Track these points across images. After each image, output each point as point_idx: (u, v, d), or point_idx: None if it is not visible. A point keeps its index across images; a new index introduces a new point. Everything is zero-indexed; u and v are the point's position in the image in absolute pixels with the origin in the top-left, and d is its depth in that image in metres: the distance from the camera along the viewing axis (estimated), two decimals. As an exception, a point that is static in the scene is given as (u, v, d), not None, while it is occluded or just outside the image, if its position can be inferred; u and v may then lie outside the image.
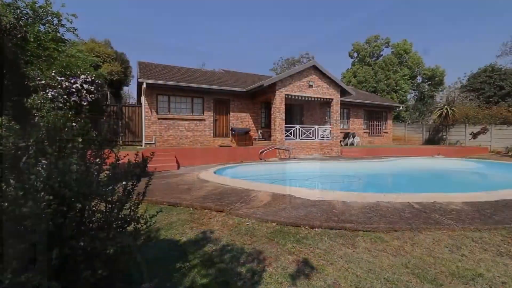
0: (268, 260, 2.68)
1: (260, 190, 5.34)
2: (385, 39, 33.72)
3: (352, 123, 18.54)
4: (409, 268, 2.50)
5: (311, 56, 42.02)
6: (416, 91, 34.00)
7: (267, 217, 3.79)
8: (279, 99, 12.18)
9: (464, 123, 19.76)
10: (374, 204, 4.31)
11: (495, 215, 3.86)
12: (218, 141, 13.30)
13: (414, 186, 8.99)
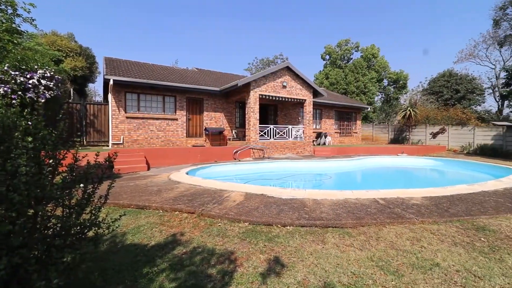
0: (239, 260, 2.66)
1: (233, 190, 5.30)
2: (355, 43, 35.34)
3: (324, 123, 19.15)
4: (374, 261, 2.63)
5: (285, 57, 42.84)
6: (383, 94, 36.04)
7: (240, 217, 3.77)
8: (253, 99, 12.21)
9: (425, 123, 21.31)
10: (343, 201, 4.48)
11: (450, 208, 4.20)
12: (191, 141, 13.01)
13: (380, 183, 9.52)
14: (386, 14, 59.29)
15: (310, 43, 71.19)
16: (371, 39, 67.78)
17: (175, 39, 71.69)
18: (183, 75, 13.96)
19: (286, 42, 71.88)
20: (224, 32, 73.36)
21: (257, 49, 77.57)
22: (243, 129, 14.35)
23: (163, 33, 70.24)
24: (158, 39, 71.23)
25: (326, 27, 66.41)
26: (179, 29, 70.02)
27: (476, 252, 2.81)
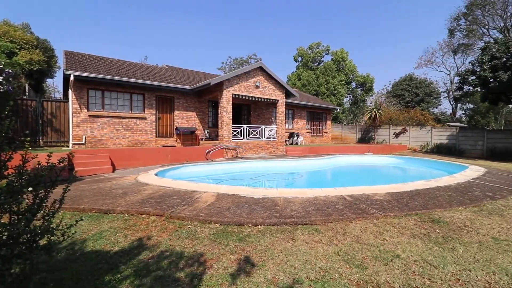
0: (209, 262, 2.61)
1: (204, 191, 5.20)
2: (326, 46, 36.63)
3: (296, 123, 19.59)
4: (341, 255, 2.72)
5: (258, 57, 43.09)
6: (351, 95, 37.79)
7: (211, 218, 3.70)
8: (226, 99, 12.11)
9: (388, 124, 22.72)
10: (313, 199, 4.60)
11: (409, 203, 4.51)
12: (161, 141, 12.55)
13: (348, 180, 9.96)
14: (354, 19, 62.39)
15: (283, 44, 72.51)
16: (341, 43, 70.94)
17: (144, 36, 68.76)
18: (152, 72, 13.41)
19: (260, 42, 72.47)
20: (196, 30, 71.96)
21: (230, 48, 77.18)
22: (216, 128, 14.16)
23: (131, 29, 67.01)
24: (127, 35, 67.82)
25: (298, 29, 68.11)
26: (148, 25, 67.28)
27: (432, 243, 3.04)
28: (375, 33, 64.58)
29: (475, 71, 14.26)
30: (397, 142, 21.22)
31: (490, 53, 13.44)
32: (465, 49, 29.89)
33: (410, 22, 59.08)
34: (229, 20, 69.52)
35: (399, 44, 64.44)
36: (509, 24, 24.49)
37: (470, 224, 3.64)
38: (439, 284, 2.24)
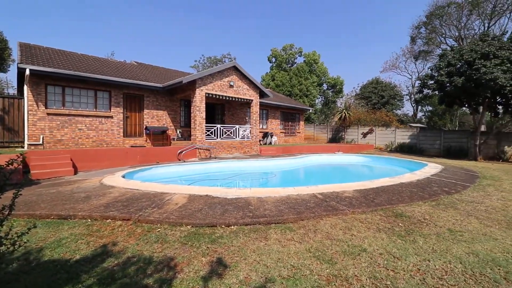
0: (180, 266, 2.52)
1: (175, 192, 5.03)
2: (299, 48, 37.48)
3: (270, 123, 19.80)
4: (312, 252, 2.78)
5: (233, 57, 42.88)
6: (323, 97, 39.07)
7: (182, 220, 3.59)
8: (199, 98, 11.86)
9: (357, 125, 23.82)
10: (285, 198, 4.66)
11: (375, 199, 4.75)
12: (130, 141, 11.95)
13: (319, 179, 10.27)
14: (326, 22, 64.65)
15: (258, 44, 72.93)
16: (313, 46, 73.10)
17: (111, 31, 65.08)
18: (120, 69, 12.72)
19: (235, 41, 72.18)
20: (168, 26, 69.74)
21: (204, 47, 75.85)
22: (188, 128, 13.82)
23: (97, 24, 63.04)
24: (92, 30, 63.68)
25: (273, 30, 68.93)
26: (116, 20, 63.79)
27: (395, 236, 3.22)
28: (345, 37, 67.55)
29: (434, 76, 15.46)
30: (365, 141, 22.34)
31: (447, 60, 14.66)
32: (425, 55, 32.32)
33: (377, 28, 62.64)
34: (203, 18, 68.35)
35: (367, 49, 68.05)
36: (463, 33, 26.93)
37: (429, 217, 3.93)
38: (402, 274, 2.38)
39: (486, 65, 12.38)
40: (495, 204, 4.85)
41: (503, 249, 2.98)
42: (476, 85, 12.82)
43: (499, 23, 25.35)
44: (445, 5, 26.45)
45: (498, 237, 3.31)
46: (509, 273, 2.47)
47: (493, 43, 13.31)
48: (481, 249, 2.95)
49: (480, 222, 3.83)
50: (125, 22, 64.68)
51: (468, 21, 26.34)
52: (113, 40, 64.60)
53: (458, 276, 2.39)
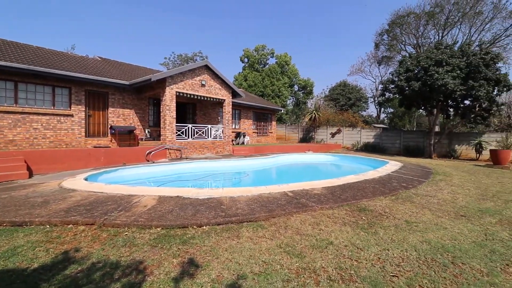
0: (149, 269, 2.45)
1: (144, 194, 4.85)
2: (271, 49, 38.01)
3: (243, 123, 19.84)
4: (282, 247, 2.87)
5: (204, 55, 42.18)
6: (294, 98, 40.08)
7: (151, 222, 3.48)
8: (169, 96, 11.51)
9: (326, 125, 24.80)
10: (257, 196, 4.73)
11: (342, 195, 5.02)
12: (93, 141, 11.23)
13: (290, 177, 10.54)
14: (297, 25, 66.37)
15: (230, 44, 72.57)
16: (284, 47, 74.61)
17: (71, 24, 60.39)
18: (81, 64, 11.89)
19: (207, 40, 71.03)
20: (135, 22, 66.56)
21: (174, 44, 73.61)
22: (158, 128, 13.35)
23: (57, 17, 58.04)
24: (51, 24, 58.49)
25: (245, 30, 69.07)
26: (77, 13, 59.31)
27: (359, 229, 3.44)
28: (315, 41, 69.93)
29: (394, 80, 16.66)
30: (334, 141, 23.35)
31: (405, 66, 15.88)
32: (387, 61, 34.63)
33: (345, 33, 65.76)
34: (173, 15, 66.27)
35: (336, 52, 71.10)
36: (421, 42, 29.30)
37: (389, 211, 4.25)
38: (364, 264, 2.56)
39: (438, 72, 13.64)
40: (445, 197, 5.39)
41: (451, 237, 3.33)
42: (430, 89, 14.07)
43: (451, 33, 28.03)
44: (405, 15, 28.59)
45: (447, 227, 3.68)
46: (455, 258, 2.77)
47: (446, 51, 14.71)
48: (433, 237, 3.27)
49: (432, 214, 4.23)
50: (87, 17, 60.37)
51: (425, 31, 28.76)
52: (73, 35, 59.98)
53: (413, 262, 2.63)
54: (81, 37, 61.31)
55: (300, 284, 2.22)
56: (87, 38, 61.81)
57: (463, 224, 3.79)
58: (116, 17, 63.81)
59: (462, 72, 13.61)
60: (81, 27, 61.06)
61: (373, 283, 2.25)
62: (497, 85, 13.72)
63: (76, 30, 60.41)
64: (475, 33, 26.44)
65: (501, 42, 25.68)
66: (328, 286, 2.20)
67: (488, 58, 13.53)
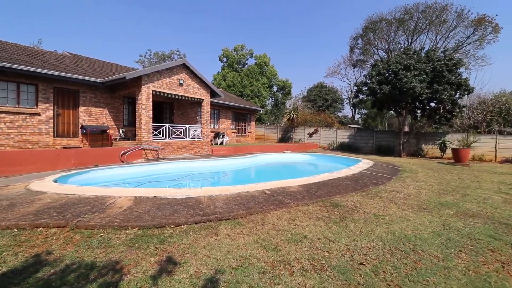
0: (126, 268, 2.45)
1: (119, 195, 4.74)
2: (250, 50, 38.14)
3: (222, 123, 19.78)
4: (259, 243, 2.98)
5: (182, 53, 41.39)
6: (273, 98, 40.57)
7: (127, 223, 3.44)
8: (145, 95, 11.22)
9: (304, 125, 25.41)
10: (236, 195, 4.81)
11: (317, 192, 5.24)
12: (62, 141, 10.66)
13: (268, 176, 10.72)
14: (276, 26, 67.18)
15: (209, 43, 71.77)
16: (263, 48, 75.20)
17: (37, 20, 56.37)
18: (49, 60, 11.23)
19: (185, 38, 69.60)
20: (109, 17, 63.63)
21: (151, 42, 71.34)
22: (133, 128, 12.94)
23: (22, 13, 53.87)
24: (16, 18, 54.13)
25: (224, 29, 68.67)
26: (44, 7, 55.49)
27: (331, 223, 3.65)
28: (293, 42, 71.20)
29: (367, 83, 17.49)
30: (311, 141, 23.98)
31: (377, 69, 16.74)
32: (361, 64, 36.21)
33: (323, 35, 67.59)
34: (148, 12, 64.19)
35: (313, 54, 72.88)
36: (392, 47, 30.98)
37: (359, 205, 4.53)
38: (335, 254, 2.74)
39: (407, 76, 14.55)
40: (410, 192, 5.82)
41: (413, 227, 3.64)
42: (400, 92, 14.96)
43: (419, 40, 29.93)
44: (377, 21, 30.07)
45: (410, 219, 4.01)
46: (416, 246, 3.05)
47: (413, 56, 15.72)
48: (397, 228, 3.55)
49: (398, 207, 4.57)
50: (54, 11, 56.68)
51: (396, 36, 30.48)
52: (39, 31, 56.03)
53: (378, 251, 2.86)
54: (48, 33, 57.52)
55: (275, 275, 2.34)
56: (54, 34, 58.07)
57: (425, 216, 4.14)
58: (87, 12, 60.57)
59: (428, 76, 14.64)
60: (48, 22, 57.28)
61: (342, 271, 2.43)
62: (459, 89, 14.90)
63: (43, 26, 56.55)
64: (441, 40, 28.48)
65: (463, 49, 27.90)
66: (301, 275, 2.34)
67: (451, 64, 14.66)
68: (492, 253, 3.00)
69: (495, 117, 22.38)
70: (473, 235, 3.48)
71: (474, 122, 22.59)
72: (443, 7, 26.51)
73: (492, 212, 4.57)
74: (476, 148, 15.95)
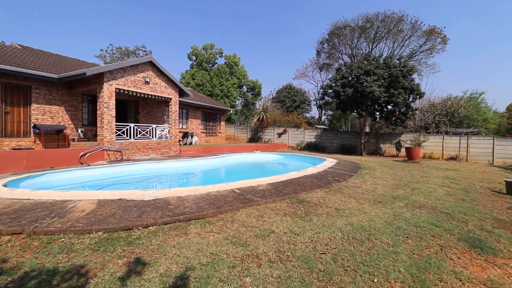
0: (92, 272, 2.40)
1: (81, 199, 4.51)
2: (219, 49, 37.90)
3: (191, 123, 19.43)
4: (229, 239, 3.09)
5: (148, 50, 39.72)
6: (243, 98, 40.76)
7: (91, 227, 3.32)
8: (108, 93, 10.63)
9: (273, 125, 25.96)
10: (205, 195, 4.85)
11: (284, 189, 5.49)
12: (11, 142, 9.68)
13: (238, 176, 10.82)
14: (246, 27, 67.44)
15: (177, 40, 69.61)
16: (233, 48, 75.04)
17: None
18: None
19: (151, 34, 66.68)
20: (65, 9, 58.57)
21: (112, 36, 67.11)
22: (93, 127, 12.18)
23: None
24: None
25: (193, 27, 67.16)
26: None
27: (297, 218, 3.89)
28: (263, 44, 72.11)
29: (332, 86, 18.46)
30: (280, 141, 24.60)
31: (341, 73, 17.76)
32: (327, 67, 37.89)
33: (292, 38, 69.39)
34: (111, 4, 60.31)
35: (282, 56, 74.54)
36: (355, 52, 32.89)
37: (323, 201, 4.86)
38: (299, 246, 2.96)
39: (367, 80, 15.67)
40: (368, 187, 6.35)
41: (369, 219, 4.02)
42: (361, 95, 16.05)
43: (379, 47, 32.20)
44: (342, 27, 31.75)
45: (367, 211, 4.41)
46: (370, 235, 3.39)
47: (373, 62, 16.95)
48: (355, 220, 3.90)
49: (357, 201, 4.98)
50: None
51: (358, 42, 32.44)
52: None
53: (338, 241, 3.14)
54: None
55: (244, 268, 2.47)
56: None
57: (379, 208, 4.59)
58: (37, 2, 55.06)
59: (386, 81, 15.91)
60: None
61: (306, 260, 2.64)
62: (412, 93, 16.43)
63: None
64: (397, 48, 30.99)
65: (416, 56, 30.69)
66: (268, 267, 2.50)
67: (405, 70, 16.11)
68: (433, 238, 3.46)
69: (442, 119, 25.03)
70: (419, 223, 3.96)
71: (425, 124, 25.02)
72: (400, 18, 28.91)
73: (436, 203, 5.20)
74: (426, 147, 17.73)
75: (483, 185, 7.70)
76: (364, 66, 16.55)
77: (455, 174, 9.78)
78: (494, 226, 4.09)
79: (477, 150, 17.45)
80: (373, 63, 16.81)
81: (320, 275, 2.41)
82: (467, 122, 24.53)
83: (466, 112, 24.97)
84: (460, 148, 17.75)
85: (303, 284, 2.27)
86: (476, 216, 4.53)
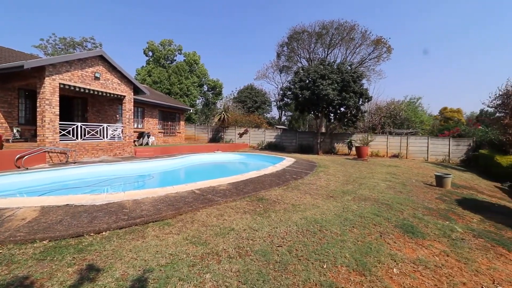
0: (39, 282, 2.24)
1: (20, 206, 4.06)
2: (178, 46, 36.56)
3: (147, 122, 18.48)
4: (189, 239, 3.11)
5: (98, 42, 36.60)
6: (203, 98, 40.00)
7: (34, 236, 3.04)
8: (50, 89, 9.57)
9: (234, 125, 26.01)
10: (164, 197, 4.75)
11: (244, 188, 5.63)
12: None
13: (199, 176, 10.64)
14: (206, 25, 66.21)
15: (130, 33, 65.23)
16: (193, 46, 73.11)
17: None
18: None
19: (101, 24, 61.30)
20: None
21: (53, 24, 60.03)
22: (33, 126, 10.88)
23: None
24: None
25: (149, 20, 63.67)
26: None
27: (256, 215, 4.05)
28: (225, 42, 71.59)
29: (291, 88, 19.23)
30: (241, 141, 24.77)
31: (300, 76, 18.60)
32: (287, 70, 39.22)
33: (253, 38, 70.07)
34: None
35: (243, 57, 74.91)
36: (312, 56, 34.65)
37: (280, 198, 5.12)
38: (258, 241, 3.12)
39: (323, 84, 16.69)
40: (322, 184, 6.84)
41: (321, 212, 4.38)
42: (317, 97, 17.03)
43: (333, 53, 34.41)
44: (300, 32, 33.19)
45: (320, 205, 4.78)
46: (322, 227, 3.71)
47: (328, 67, 18.11)
48: (309, 214, 4.22)
49: (311, 197, 5.36)
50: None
51: (315, 47, 34.26)
52: None
53: (293, 234, 3.38)
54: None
55: (204, 265, 2.54)
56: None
57: (330, 202, 5.01)
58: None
59: (339, 85, 17.13)
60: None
61: (263, 254, 2.80)
62: (361, 97, 17.95)
63: None
64: (350, 54, 33.50)
65: (365, 63, 33.54)
66: (228, 262, 2.61)
67: (356, 76, 17.55)
68: (374, 226, 3.92)
69: (387, 121, 27.79)
70: (363, 214, 4.43)
71: (372, 125, 27.50)
72: (352, 27, 31.34)
73: (378, 196, 5.84)
74: (373, 146, 19.55)
75: (418, 179, 8.84)
76: (320, 71, 17.60)
77: (396, 170, 11.02)
78: (424, 213, 4.78)
79: (415, 148, 19.82)
80: (328, 68, 17.97)
81: (276, 266, 2.59)
82: (407, 124, 27.61)
83: (406, 114, 28.10)
84: (401, 146, 19.96)
85: (260, 275, 2.42)
86: (410, 205, 5.23)
